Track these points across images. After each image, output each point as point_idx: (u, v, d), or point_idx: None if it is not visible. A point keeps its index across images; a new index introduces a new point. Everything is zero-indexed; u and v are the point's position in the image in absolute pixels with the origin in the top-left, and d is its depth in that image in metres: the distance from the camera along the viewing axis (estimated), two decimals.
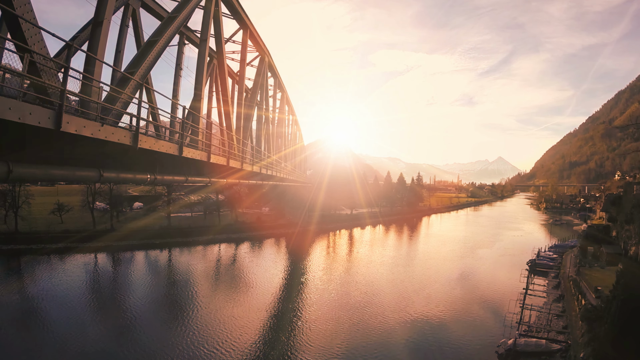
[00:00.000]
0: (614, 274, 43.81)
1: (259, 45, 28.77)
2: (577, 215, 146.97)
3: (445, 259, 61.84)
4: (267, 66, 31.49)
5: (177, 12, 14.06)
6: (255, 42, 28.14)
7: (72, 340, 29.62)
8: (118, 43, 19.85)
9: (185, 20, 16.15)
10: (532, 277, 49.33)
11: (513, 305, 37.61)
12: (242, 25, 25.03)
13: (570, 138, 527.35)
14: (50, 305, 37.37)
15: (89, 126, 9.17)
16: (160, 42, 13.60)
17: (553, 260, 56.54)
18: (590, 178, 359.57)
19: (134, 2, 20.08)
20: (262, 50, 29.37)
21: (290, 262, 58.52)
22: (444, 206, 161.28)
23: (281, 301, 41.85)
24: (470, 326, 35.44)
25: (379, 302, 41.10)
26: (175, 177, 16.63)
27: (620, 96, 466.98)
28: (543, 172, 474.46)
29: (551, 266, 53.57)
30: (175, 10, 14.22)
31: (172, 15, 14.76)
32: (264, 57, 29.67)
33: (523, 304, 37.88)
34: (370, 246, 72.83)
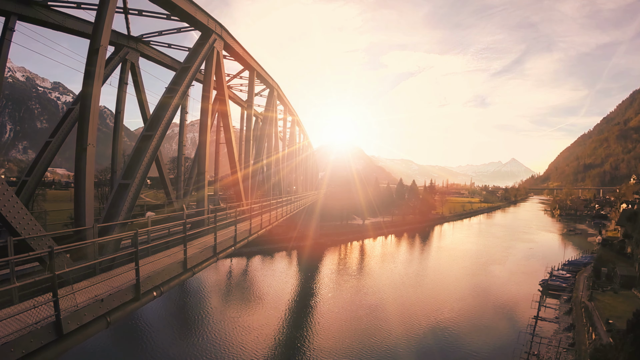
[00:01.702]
0: (627, 300, 44.13)
1: (267, 81, 28.98)
2: (591, 223, 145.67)
3: (457, 278, 61.87)
4: (277, 97, 32.06)
5: (178, 83, 14.05)
6: (263, 79, 28.35)
7: None
8: (117, 103, 20.64)
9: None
10: (544, 299, 49.41)
11: (523, 335, 37.90)
12: (248, 68, 25.38)
13: (584, 139, 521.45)
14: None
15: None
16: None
17: (566, 281, 56.30)
18: (605, 181, 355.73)
19: (132, 56, 20.59)
20: (270, 84, 29.68)
21: (301, 280, 59.03)
22: (456, 214, 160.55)
23: (288, 327, 42.37)
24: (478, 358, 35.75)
25: (385, 327, 41.62)
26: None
27: (636, 96, 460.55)
28: (557, 174, 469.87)
29: (564, 288, 53.35)
30: (176, 82, 14.25)
31: (174, 86, 15.05)
32: (273, 91, 29.96)
33: (533, 335, 38.10)
34: (381, 262, 73.02)
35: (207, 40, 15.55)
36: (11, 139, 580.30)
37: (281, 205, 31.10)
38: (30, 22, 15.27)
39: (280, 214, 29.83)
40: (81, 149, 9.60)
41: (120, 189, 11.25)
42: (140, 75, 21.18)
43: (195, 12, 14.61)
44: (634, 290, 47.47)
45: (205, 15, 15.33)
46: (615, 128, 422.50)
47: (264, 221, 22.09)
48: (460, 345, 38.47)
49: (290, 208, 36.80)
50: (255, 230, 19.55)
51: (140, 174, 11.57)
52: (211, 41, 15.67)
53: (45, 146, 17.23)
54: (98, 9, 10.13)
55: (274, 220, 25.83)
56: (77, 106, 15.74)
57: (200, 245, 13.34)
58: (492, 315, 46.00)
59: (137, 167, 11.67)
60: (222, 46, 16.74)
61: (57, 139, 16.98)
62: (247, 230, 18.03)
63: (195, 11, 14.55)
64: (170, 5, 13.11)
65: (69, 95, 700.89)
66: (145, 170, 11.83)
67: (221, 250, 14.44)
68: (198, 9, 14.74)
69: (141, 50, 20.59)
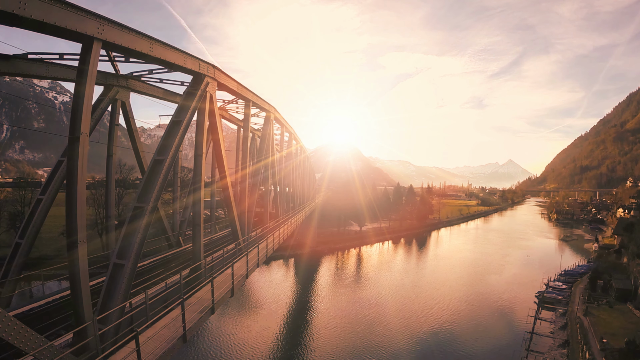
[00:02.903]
0: (621, 316, 44.47)
1: (263, 107, 28.82)
2: (588, 228, 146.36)
3: (453, 289, 61.99)
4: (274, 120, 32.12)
5: (170, 138, 13.71)
6: (258, 106, 28.14)
7: None
8: (109, 146, 20.34)
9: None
10: (540, 311, 49.76)
11: (518, 353, 38.27)
12: (243, 99, 25.31)
13: (581, 141, 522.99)
14: None
15: None
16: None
17: (562, 292, 56.55)
18: (602, 183, 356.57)
19: (122, 95, 20.16)
20: (266, 109, 29.62)
21: (299, 291, 59.15)
22: (453, 218, 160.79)
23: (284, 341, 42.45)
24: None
25: (380, 342, 41.88)
26: None
27: (632, 98, 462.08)
28: (554, 176, 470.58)
29: (560, 300, 53.59)
30: (168, 137, 13.75)
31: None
32: (270, 115, 29.92)
33: (528, 351, 38.49)
34: (378, 272, 73.10)
35: (198, 87, 15.26)
36: (8, 138, 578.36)
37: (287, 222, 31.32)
38: (11, 75, 15.10)
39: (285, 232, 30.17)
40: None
41: (114, 269, 11.31)
42: (132, 114, 20.94)
43: (185, 61, 14.27)
44: (629, 304, 47.73)
45: (195, 61, 14.99)
46: (612, 130, 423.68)
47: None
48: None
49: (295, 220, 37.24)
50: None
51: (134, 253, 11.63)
52: (203, 86, 15.42)
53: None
54: (80, 58, 10.04)
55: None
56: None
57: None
58: (487, 330, 46.22)
59: (131, 247, 11.67)
60: (215, 87, 16.52)
61: (51, 191, 16.53)
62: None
63: (184, 60, 14.23)
64: (157, 60, 12.86)
65: (67, 95, 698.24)
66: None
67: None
68: (188, 56, 14.39)
69: (132, 87, 20.20)
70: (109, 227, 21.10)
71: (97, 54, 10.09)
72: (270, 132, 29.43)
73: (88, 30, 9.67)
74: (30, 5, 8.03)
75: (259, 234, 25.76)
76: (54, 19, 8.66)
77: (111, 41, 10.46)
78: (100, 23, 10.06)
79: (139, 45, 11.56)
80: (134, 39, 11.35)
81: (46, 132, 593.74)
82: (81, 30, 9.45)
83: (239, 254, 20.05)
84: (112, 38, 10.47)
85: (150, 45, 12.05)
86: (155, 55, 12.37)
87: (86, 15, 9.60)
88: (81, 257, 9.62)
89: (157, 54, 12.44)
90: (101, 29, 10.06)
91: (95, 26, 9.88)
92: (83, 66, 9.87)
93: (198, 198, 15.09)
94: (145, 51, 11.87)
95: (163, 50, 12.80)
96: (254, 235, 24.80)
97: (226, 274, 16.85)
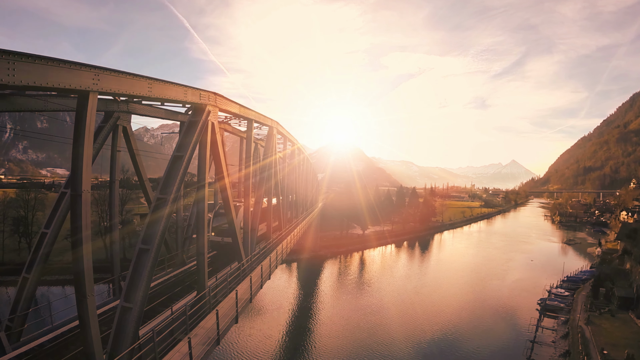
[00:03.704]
0: (623, 325, 44.50)
1: (265, 123, 28.84)
2: (591, 231, 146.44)
3: (455, 295, 62.15)
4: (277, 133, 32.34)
5: (172, 176, 13.84)
6: (261, 123, 28.10)
7: None
8: (111, 172, 20.20)
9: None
10: (542, 319, 49.93)
11: None
12: (246, 119, 25.45)
13: (584, 142, 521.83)
14: None
15: None
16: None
17: (565, 300, 56.56)
18: (605, 184, 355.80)
19: (123, 120, 19.86)
20: (268, 125, 29.79)
21: (300, 298, 59.36)
22: (456, 221, 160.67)
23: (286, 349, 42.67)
24: None
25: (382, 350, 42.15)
26: None
27: (636, 98, 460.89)
28: (557, 177, 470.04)
29: (562, 308, 53.61)
30: (170, 175, 13.88)
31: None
32: (272, 130, 30.09)
33: None
34: (380, 275, 73.42)
35: (200, 117, 15.23)
36: (11, 138, 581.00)
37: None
38: (10, 111, 15.06)
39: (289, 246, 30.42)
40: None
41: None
42: (133, 137, 20.87)
43: (186, 95, 14.11)
44: (631, 313, 47.74)
45: (196, 92, 14.79)
46: (615, 131, 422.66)
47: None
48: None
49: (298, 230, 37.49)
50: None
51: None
52: (205, 116, 15.38)
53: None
54: (76, 112, 9.89)
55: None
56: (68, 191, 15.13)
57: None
58: (489, 338, 46.36)
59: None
60: (217, 114, 16.55)
61: (56, 223, 16.65)
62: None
63: (185, 94, 14.05)
64: (157, 99, 12.89)
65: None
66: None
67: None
68: (188, 89, 14.36)
69: (133, 111, 20.03)
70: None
71: (93, 106, 9.96)
72: (273, 145, 29.68)
73: (83, 84, 9.46)
74: (19, 71, 7.81)
75: (261, 251, 25.93)
76: (46, 81, 8.44)
77: (107, 90, 10.31)
78: (95, 74, 9.83)
79: (137, 89, 11.52)
80: (131, 82, 11.19)
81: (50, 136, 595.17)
82: (75, 85, 9.24)
83: (242, 275, 20.26)
84: (109, 86, 10.32)
85: (149, 86, 12.01)
86: (154, 95, 12.36)
87: (80, 68, 9.37)
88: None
89: (156, 93, 12.41)
90: (96, 80, 9.84)
91: (90, 78, 9.65)
92: (80, 120, 9.79)
93: (202, 228, 15.26)
94: (144, 93, 11.88)
95: (162, 88, 12.75)
96: (258, 252, 24.99)
97: (230, 297, 17.06)
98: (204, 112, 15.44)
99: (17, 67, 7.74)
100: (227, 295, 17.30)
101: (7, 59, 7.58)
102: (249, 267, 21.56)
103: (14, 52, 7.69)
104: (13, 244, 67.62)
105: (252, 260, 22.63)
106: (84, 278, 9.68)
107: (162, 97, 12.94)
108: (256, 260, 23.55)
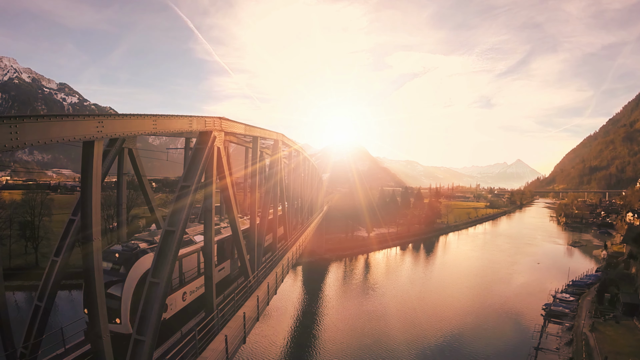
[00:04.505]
0: (627, 332, 44.51)
1: (271, 138, 29.04)
2: (597, 232, 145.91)
3: (460, 301, 62.18)
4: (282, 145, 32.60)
5: (179, 210, 14.05)
6: (266, 138, 28.36)
7: None
8: (118, 196, 20.60)
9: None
10: (547, 325, 49.96)
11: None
12: (252, 138, 25.98)
13: (590, 141, 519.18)
14: None
15: None
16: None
17: (569, 305, 56.54)
18: (611, 184, 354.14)
19: (129, 142, 19.89)
20: (274, 138, 30.01)
21: (306, 303, 59.59)
22: (461, 222, 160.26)
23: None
24: None
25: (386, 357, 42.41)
26: None
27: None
28: (563, 176, 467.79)
29: (566, 314, 53.63)
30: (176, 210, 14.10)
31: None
32: (278, 143, 30.24)
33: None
34: (385, 280, 73.63)
35: (206, 144, 15.32)
36: None
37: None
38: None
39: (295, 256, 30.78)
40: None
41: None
42: (139, 160, 20.88)
43: (191, 125, 14.09)
44: (635, 320, 47.72)
45: (201, 120, 14.71)
46: (621, 130, 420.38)
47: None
48: None
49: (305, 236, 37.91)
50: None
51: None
52: (210, 142, 15.46)
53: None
54: (82, 160, 10.01)
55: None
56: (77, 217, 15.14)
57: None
58: (494, 345, 46.47)
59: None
60: (222, 138, 16.65)
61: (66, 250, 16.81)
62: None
63: (190, 124, 14.03)
64: (163, 133, 13.16)
65: (75, 96, 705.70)
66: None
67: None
68: (193, 118, 14.34)
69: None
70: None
71: (99, 153, 10.08)
72: (279, 158, 29.95)
73: (87, 134, 9.41)
74: (23, 132, 7.70)
75: (268, 264, 26.19)
76: (50, 137, 8.32)
77: (112, 134, 10.34)
78: (99, 121, 9.73)
79: (141, 127, 11.56)
80: (135, 123, 11.19)
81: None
82: (80, 136, 9.19)
83: (250, 292, 20.56)
84: (113, 131, 10.30)
85: (154, 123, 12.09)
86: (159, 130, 12.44)
87: (83, 119, 9.30)
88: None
89: (161, 128, 12.53)
90: (100, 127, 9.78)
91: (93, 126, 9.57)
92: (87, 168, 9.93)
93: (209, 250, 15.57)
94: (149, 131, 11.97)
95: (167, 123, 12.81)
96: (264, 265, 25.26)
97: (238, 316, 17.36)
98: (209, 139, 15.59)
99: (19, 129, 7.64)
100: (235, 314, 17.61)
101: (8, 123, 7.47)
102: (256, 283, 21.87)
103: (16, 116, 7.57)
104: (19, 248, 68.26)
105: (259, 274, 22.94)
106: (99, 318, 9.98)
107: (168, 132, 13.15)
108: (262, 274, 23.85)
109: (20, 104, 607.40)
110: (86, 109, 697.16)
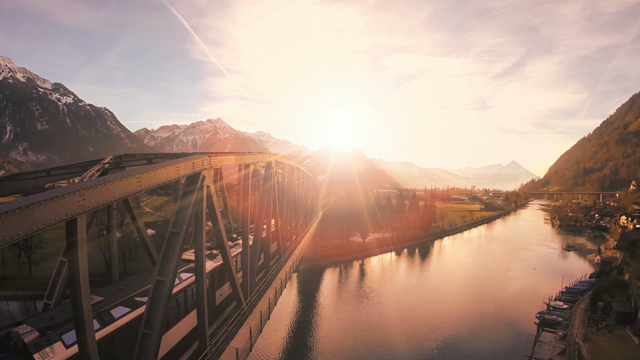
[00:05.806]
0: (620, 342, 44.83)
1: (264, 161, 28.92)
2: (591, 235, 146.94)
3: (455, 308, 62.47)
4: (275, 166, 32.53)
5: (171, 250, 13.94)
6: (261, 161, 28.23)
7: None
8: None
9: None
10: (540, 333, 50.20)
11: None
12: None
13: (584, 143, 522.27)
14: None
15: None
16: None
17: (563, 313, 56.83)
18: (605, 185, 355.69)
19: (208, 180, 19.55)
20: (267, 161, 29.90)
21: (301, 312, 59.61)
22: (456, 227, 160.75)
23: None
24: None
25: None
26: None
27: (635, 100, 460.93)
28: (557, 178, 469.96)
29: (560, 322, 53.93)
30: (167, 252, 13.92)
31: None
32: (271, 163, 30.07)
33: None
34: (380, 287, 73.84)
35: (195, 185, 14.96)
36: (11, 140, 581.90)
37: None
38: (14, 194, 15.23)
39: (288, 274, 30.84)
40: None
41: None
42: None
43: (178, 171, 13.51)
44: (628, 329, 48.04)
45: (189, 164, 14.31)
46: (615, 132, 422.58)
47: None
48: None
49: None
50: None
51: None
52: (200, 182, 15.09)
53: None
54: (67, 234, 9.65)
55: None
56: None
57: None
58: (487, 353, 47.05)
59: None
60: (212, 175, 16.26)
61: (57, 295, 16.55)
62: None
63: (177, 170, 13.47)
64: (151, 188, 12.40)
65: (70, 96, 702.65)
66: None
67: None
68: (180, 163, 13.63)
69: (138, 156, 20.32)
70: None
71: (82, 226, 9.63)
72: (272, 179, 29.96)
73: (69, 211, 8.73)
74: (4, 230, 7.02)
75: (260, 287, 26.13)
76: (30, 227, 7.62)
77: (95, 205, 9.49)
78: (80, 195, 8.99)
79: (125, 189, 10.72)
80: (117, 186, 10.30)
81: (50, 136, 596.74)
82: (61, 217, 8.55)
83: (243, 318, 20.58)
84: (95, 200, 9.49)
85: (139, 180, 11.29)
86: (145, 186, 11.64)
87: (64, 197, 8.56)
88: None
89: (146, 183, 11.73)
90: (82, 201, 9.06)
91: (75, 201, 8.87)
92: (71, 245, 9.54)
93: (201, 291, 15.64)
94: (134, 189, 11.12)
95: (152, 177, 12.04)
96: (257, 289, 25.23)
97: (231, 348, 17.40)
98: (198, 180, 15.12)
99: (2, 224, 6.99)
100: (229, 344, 17.65)
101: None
102: (249, 309, 21.89)
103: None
104: (13, 257, 67.67)
105: (252, 299, 22.97)
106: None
107: (154, 184, 12.27)
108: (256, 298, 23.86)
109: (14, 104, 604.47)
110: (81, 110, 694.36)
